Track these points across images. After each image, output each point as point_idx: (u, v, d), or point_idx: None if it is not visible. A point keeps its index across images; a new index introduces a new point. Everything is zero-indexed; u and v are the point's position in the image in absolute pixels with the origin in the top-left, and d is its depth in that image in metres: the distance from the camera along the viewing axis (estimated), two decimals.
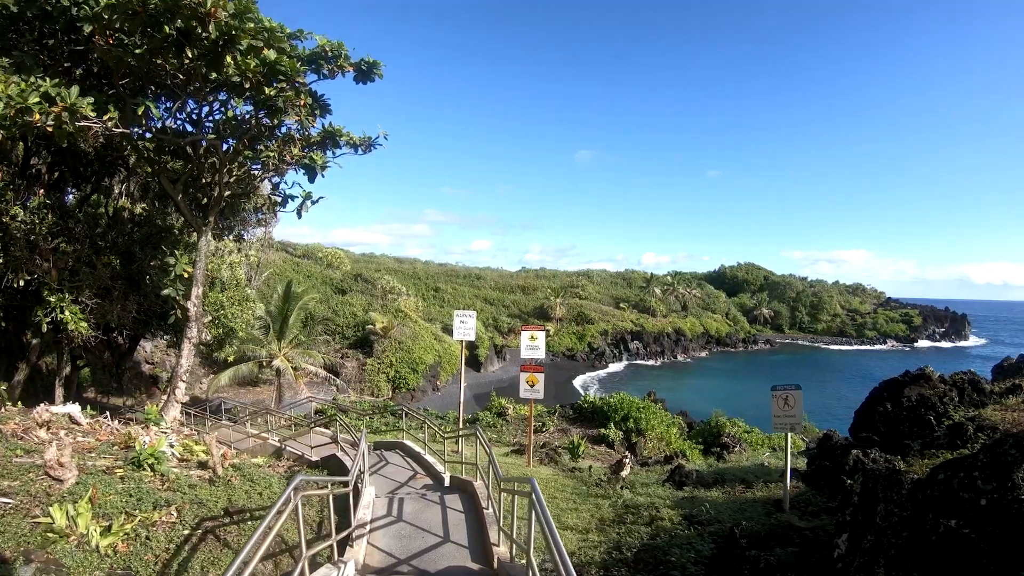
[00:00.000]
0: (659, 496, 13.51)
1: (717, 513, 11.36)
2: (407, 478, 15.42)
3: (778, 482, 13.86)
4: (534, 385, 17.62)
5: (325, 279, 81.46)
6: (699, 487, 14.55)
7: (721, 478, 15.45)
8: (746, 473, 16.50)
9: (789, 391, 12.04)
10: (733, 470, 17.32)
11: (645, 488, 14.55)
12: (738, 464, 19.32)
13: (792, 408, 11.90)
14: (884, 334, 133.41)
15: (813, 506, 11.25)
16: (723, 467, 18.56)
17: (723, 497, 13.20)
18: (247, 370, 45.92)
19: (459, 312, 19.43)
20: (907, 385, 15.26)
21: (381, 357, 61.99)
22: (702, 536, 9.94)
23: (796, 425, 11.90)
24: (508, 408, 34.09)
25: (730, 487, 14.35)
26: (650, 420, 29.74)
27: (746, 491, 13.75)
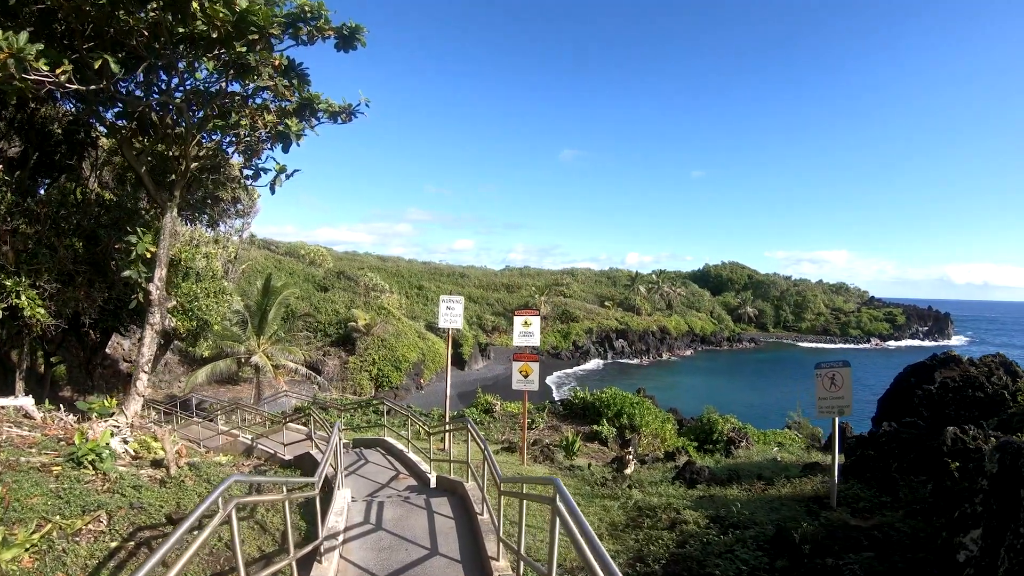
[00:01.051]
0: (673, 496, 11.95)
1: (751, 514, 9.76)
2: (388, 479, 13.69)
3: (803, 478, 12.64)
4: (528, 376, 15.92)
5: (307, 276, 79.53)
6: (713, 485, 13.09)
7: (735, 475, 14.03)
8: (761, 469, 15.12)
9: (836, 369, 10.43)
10: (745, 466, 15.92)
11: (655, 487, 13.01)
12: (748, 460, 17.78)
13: (840, 388, 10.26)
14: (868, 333, 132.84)
15: (864, 502, 9.76)
16: (733, 463, 17.10)
17: (745, 495, 11.69)
18: (225, 367, 44.00)
19: (446, 297, 17.58)
20: (936, 369, 14.65)
21: (364, 355, 60.27)
22: (743, 542, 8.33)
23: (845, 407, 10.26)
24: (495, 405, 32.34)
25: (748, 484, 12.86)
26: (644, 416, 28.29)
27: (767, 488, 12.26)
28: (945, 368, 14.73)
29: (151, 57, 14.98)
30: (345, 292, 74.92)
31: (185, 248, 27.90)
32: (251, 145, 17.60)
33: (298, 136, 16.30)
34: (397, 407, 18.45)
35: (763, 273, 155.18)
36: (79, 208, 20.89)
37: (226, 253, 45.08)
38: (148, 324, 17.98)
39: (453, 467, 13.15)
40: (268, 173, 18.32)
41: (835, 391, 10.26)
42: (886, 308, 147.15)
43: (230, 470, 12.23)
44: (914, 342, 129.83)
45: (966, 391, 12.65)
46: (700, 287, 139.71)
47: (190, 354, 46.59)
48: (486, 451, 8.73)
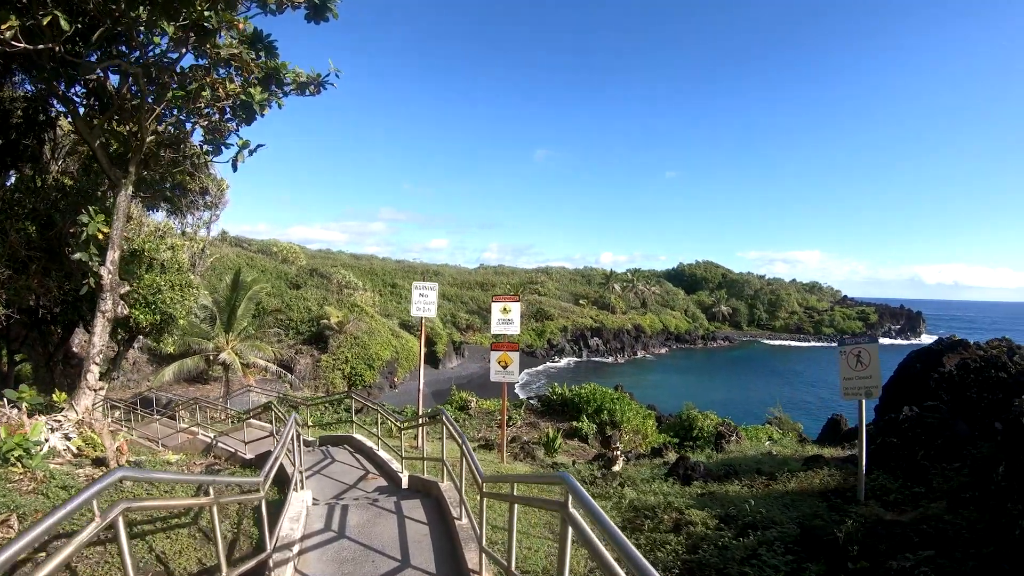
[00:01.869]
0: (670, 494, 10.75)
1: (766, 512, 8.59)
2: (356, 479, 12.32)
3: (807, 471, 11.51)
4: (507, 366, 14.61)
5: (280, 274, 77.63)
6: (710, 481, 11.94)
7: (732, 470, 12.86)
8: (758, 463, 13.94)
9: (862, 346, 9.25)
10: (740, 461, 14.73)
11: (648, 484, 11.79)
12: (742, 454, 16.64)
13: (867, 367, 9.06)
14: (841, 331, 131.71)
15: (894, 493, 8.69)
16: (726, 458, 15.91)
17: (748, 492, 10.55)
18: (193, 364, 42.36)
19: (419, 284, 16.16)
20: (943, 354, 13.86)
21: (336, 352, 58.90)
22: (767, 544, 7.15)
23: (873, 388, 9.08)
24: (471, 401, 31.16)
25: (748, 479, 11.69)
26: (625, 412, 27.29)
27: (771, 483, 11.12)
28: (952, 353, 13.90)
29: (107, 20, 13.65)
30: (318, 290, 73.36)
31: (149, 238, 26.50)
32: (216, 125, 16.24)
33: (262, 107, 14.92)
34: (366, 402, 16.88)
35: (737, 272, 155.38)
36: (36, 192, 19.67)
37: (193, 245, 43.58)
38: (99, 312, 16.59)
39: (427, 466, 11.83)
40: (231, 149, 16.90)
41: (861, 370, 9.10)
42: (859, 307, 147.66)
43: (175, 469, 10.95)
44: (886, 340, 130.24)
45: (988, 372, 11.69)
46: (674, 286, 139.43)
47: (159, 352, 44.86)
48: (464, 446, 7.43)
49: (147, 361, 50.01)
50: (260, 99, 14.69)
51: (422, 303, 16.02)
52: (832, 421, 19.71)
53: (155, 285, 25.39)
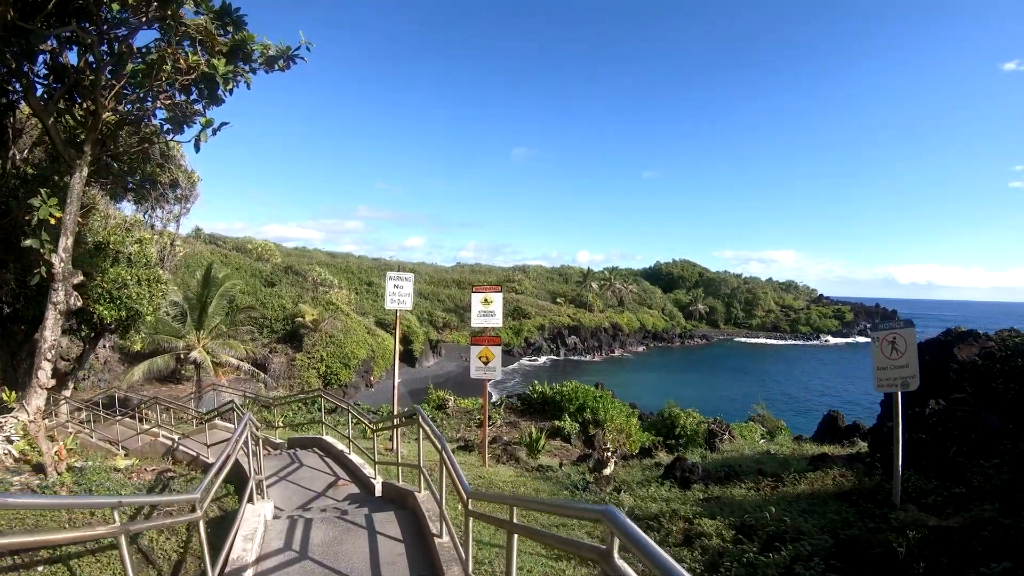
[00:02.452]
0: (672, 500, 9.75)
1: (791, 520, 7.58)
2: (325, 486, 11.13)
3: (815, 471, 10.59)
4: (489, 362, 13.49)
5: (254, 271, 75.67)
6: (711, 484, 10.95)
7: (732, 471, 11.94)
8: (759, 463, 13.07)
9: (897, 331, 8.22)
10: (739, 460, 13.84)
11: (644, 489, 10.82)
12: (739, 454, 15.68)
13: (903, 355, 8.02)
14: (817, 329, 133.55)
15: (932, 495, 7.68)
16: (722, 458, 14.97)
17: (756, 496, 9.64)
18: (163, 363, 40.83)
19: (393, 273, 14.79)
20: (953, 345, 12.75)
21: (311, 351, 57.24)
22: (805, 562, 6.10)
23: (910, 378, 7.98)
24: (449, 400, 30.02)
25: (752, 482, 10.77)
26: (609, 411, 26.30)
27: (778, 486, 10.21)
28: (964, 344, 12.94)
29: None
30: (293, 287, 71.59)
31: (115, 231, 25.31)
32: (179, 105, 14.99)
33: (226, 81, 13.62)
34: (337, 401, 15.44)
35: (714, 271, 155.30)
36: None
37: (162, 240, 42.08)
38: (50, 303, 15.24)
39: (403, 472, 10.65)
40: (195, 128, 15.62)
41: (897, 358, 8.05)
42: (835, 306, 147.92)
43: (121, 477, 9.81)
44: (861, 339, 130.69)
45: (1015, 360, 10.70)
46: (652, 285, 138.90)
47: (129, 351, 43.31)
48: (444, 452, 6.33)
49: (119, 360, 48.38)
50: (224, 71, 13.41)
51: (397, 295, 14.84)
52: (829, 418, 18.81)
53: (120, 279, 24.31)
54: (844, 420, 18.54)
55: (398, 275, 14.89)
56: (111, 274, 23.71)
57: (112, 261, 24.35)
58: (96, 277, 23.54)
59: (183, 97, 14.69)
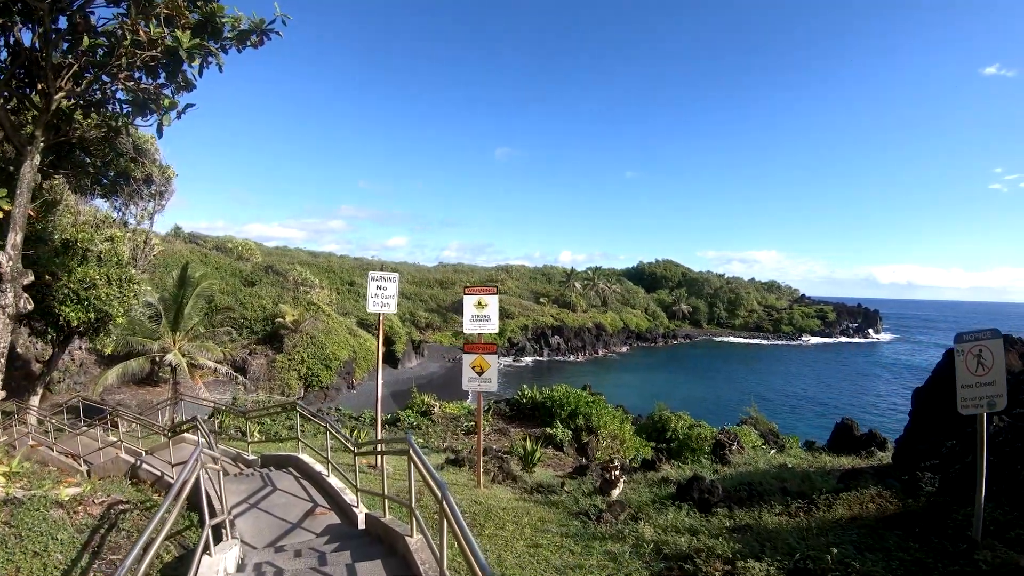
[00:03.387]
0: (696, 530, 8.49)
1: (863, 565, 6.32)
2: (301, 515, 9.67)
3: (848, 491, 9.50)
4: (483, 372, 12.09)
5: (234, 271, 73.80)
6: (734, 507, 9.66)
7: (754, 491, 10.70)
8: (780, 480, 11.83)
9: (983, 343, 6.83)
10: (755, 476, 12.57)
11: (662, 515, 9.55)
12: (754, 468, 14.40)
13: (989, 370, 6.66)
14: (800, 329, 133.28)
15: (1017, 528, 6.40)
16: (736, 473, 13.69)
17: (793, 523, 8.47)
18: (138, 366, 39.12)
19: (376, 274, 13.56)
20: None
21: (292, 353, 55.63)
22: None
23: (997, 398, 6.56)
24: (434, 406, 28.53)
25: (780, 504, 9.58)
26: (602, 416, 25.05)
27: (813, 510, 9.06)
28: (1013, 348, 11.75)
29: None
30: (273, 287, 69.76)
31: (83, 228, 23.93)
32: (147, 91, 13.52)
33: (191, 56, 12.14)
34: (314, 417, 13.24)
35: (696, 271, 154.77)
36: None
37: (136, 237, 40.30)
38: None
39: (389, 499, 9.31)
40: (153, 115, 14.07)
41: (983, 375, 6.65)
42: (817, 306, 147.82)
43: (63, 515, 8.39)
44: (845, 339, 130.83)
45: None
46: (635, 284, 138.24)
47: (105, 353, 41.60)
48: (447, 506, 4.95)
49: (95, 362, 46.65)
50: (189, 46, 11.93)
51: (380, 297, 13.45)
52: (843, 426, 17.54)
53: (89, 279, 22.93)
54: (858, 428, 17.30)
55: (381, 275, 13.51)
56: (78, 274, 22.39)
57: (80, 260, 22.99)
58: (62, 277, 22.18)
59: (150, 81, 13.27)
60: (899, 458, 11.55)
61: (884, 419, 55.16)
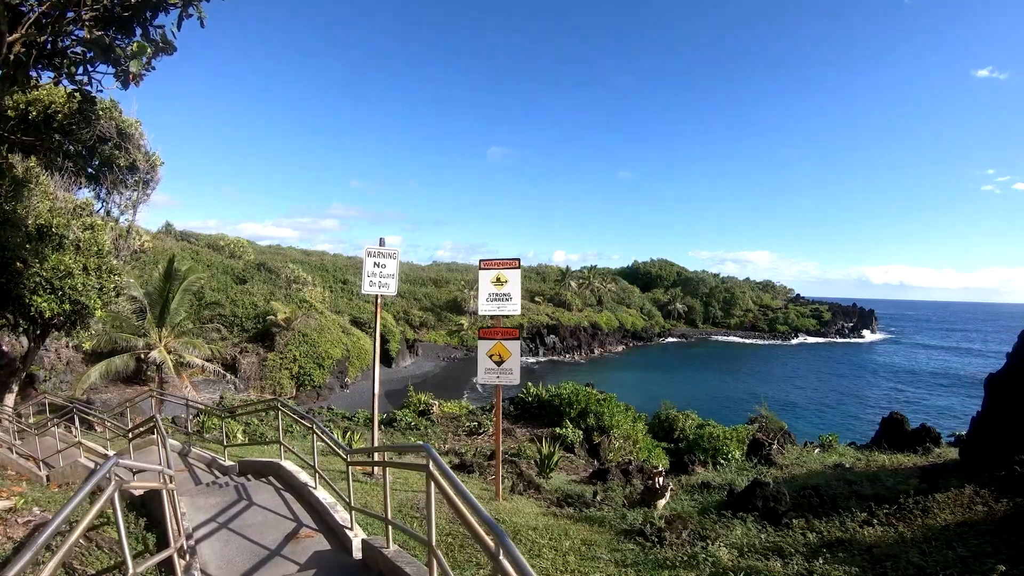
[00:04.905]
0: (784, 551, 6.73)
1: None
2: (280, 539, 7.61)
3: (943, 493, 8.03)
4: (503, 362, 10.14)
5: (226, 268, 71.81)
6: (807, 516, 7.84)
7: (824, 497, 8.95)
8: (847, 482, 10.07)
9: None
10: (815, 480, 10.74)
11: (727, 529, 7.74)
12: (808, 470, 12.50)
13: None
14: (796, 328, 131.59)
15: None
16: (791, 475, 11.81)
17: (894, 533, 7.05)
18: (122, 363, 37.04)
19: (373, 248, 11.55)
20: None
21: (284, 351, 53.71)
22: None
23: None
24: (433, 405, 26.48)
25: (862, 512, 7.98)
26: (615, 416, 23.28)
27: (904, 515, 7.62)
28: None
29: None
30: (265, 284, 67.97)
31: (59, 213, 22.07)
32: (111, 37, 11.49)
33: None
34: (298, 418, 10.79)
35: (692, 270, 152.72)
36: None
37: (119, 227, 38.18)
38: None
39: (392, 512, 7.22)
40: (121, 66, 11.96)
41: None
42: (812, 305, 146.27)
43: None
44: (838, 339, 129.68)
45: None
46: (630, 284, 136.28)
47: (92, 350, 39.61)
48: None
49: (82, 361, 44.75)
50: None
51: (377, 275, 11.39)
52: (892, 421, 15.57)
53: (64, 267, 21.11)
54: (909, 424, 15.41)
55: (379, 250, 11.49)
56: (52, 261, 20.66)
57: (54, 247, 21.32)
58: (33, 264, 20.52)
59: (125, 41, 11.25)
60: (970, 453, 10.08)
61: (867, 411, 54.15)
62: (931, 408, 56.40)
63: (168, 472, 6.68)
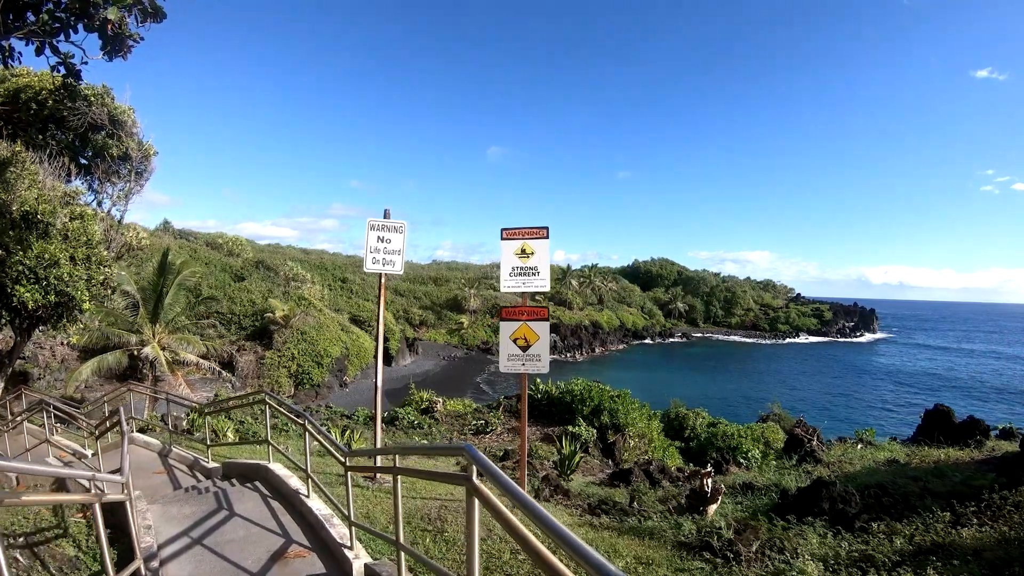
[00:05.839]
0: (873, 560, 5.57)
1: None
2: (263, 561, 6.11)
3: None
4: (528, 346, 8.79)
5: (224, 266, 70.87)
6: (884, 518, 6.95)
7: (896, 497, 7.83)
8: (917, 479, 8.82)
9: None
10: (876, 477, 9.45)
11: (799, 538, 6.45)
12: (863, 466, 11.15)
13: None
14: (797, 328, 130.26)
15: None
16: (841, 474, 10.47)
17: (995, 533, 6.02)
18: (114, 360, 35.71)
19: (377, 221, 9.83)
20: None
21: (282, 349, 52.50)
22: None
23: None
24: (437, 403, 25.10)
25: (944, 512, 6.99)
26: (629, 413, 22.06)
27: (1002, 515, 6.57)
28: None
29: None
30: (263, 282, 66.73)
31: (45, 199, 20.87)
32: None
33: None
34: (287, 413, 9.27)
35: (692, 269, 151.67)
36: None
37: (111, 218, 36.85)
38: None
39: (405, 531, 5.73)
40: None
41: None
42: (813, 304, 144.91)
43: None
44: (840, 338, 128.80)
45: None
46: (630, 283, 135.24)
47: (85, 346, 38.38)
48: None
49: (77, 358, 43.61)
50: None
51: (381, 251, 9.82)
52: (938, 412, 14.23)
53: (49, 256, 19.94)
54: (956, 416, 14.13)
55: (384, 223, 10.02)
56: (37, 249, 19.46)
57: (40, 235, 20.15)
58: (15, 252, 19.42)
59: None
60: None
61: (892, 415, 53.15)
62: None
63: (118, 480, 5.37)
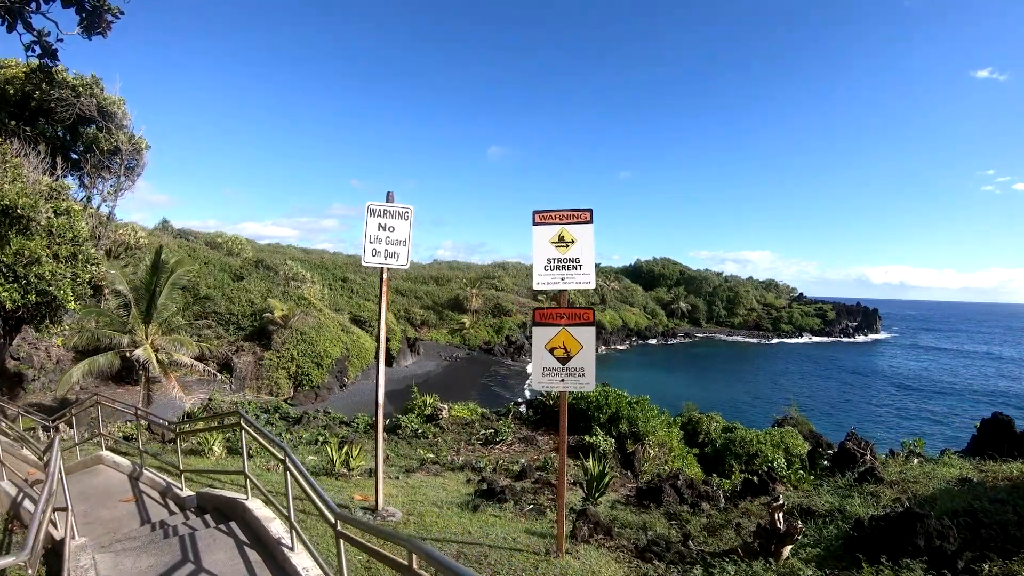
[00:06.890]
0: None
1: None
2: None
3: None
4: (569, 359, 7.16)
5: (223, 265, 69.13)
6: (991, 556, 5.54)
7: (990, 527, 6.38)
8: (1007, 505, 7.16)
9: None
10: (953, 500, 7.83)
11: None
12: (940, 487, 9.51)
13: None
14: (799, 327, 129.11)
15: None
16: (910, 496, 8.90)
17: None
18: (106, 362, 34.26)
19: (377, 206, 8.52)
20: None
21: (281, 350, 51.14)
22: None
23: None
24: (442, 409, 23.32)
25: None
26: (649, 421, 20.52)
27: None
28: None
29: None
30: (263, 281, 65.06)
31: (25, 193, 19.53)
32: None
33: None
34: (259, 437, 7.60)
35: (695, 269, 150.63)
36: None
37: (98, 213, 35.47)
38: None
39: None
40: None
41: None
42: (816, 304, 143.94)
43: None
44: (846, 338, 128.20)
45: None
46: (632, 282, 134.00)
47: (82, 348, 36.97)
48: None
49: (72, 360, 42.26)
50: None
51: (383, 242, 8.37)
52: (997, 423, 12.60)
53: (30, 253, 18.59)
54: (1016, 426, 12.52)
55: (386, 208, 8.43)
56: (15, 245, 18.17)
57: (20, 231, 18.85)
58: None
59: None
60: None
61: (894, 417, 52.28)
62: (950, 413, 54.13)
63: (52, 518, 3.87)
